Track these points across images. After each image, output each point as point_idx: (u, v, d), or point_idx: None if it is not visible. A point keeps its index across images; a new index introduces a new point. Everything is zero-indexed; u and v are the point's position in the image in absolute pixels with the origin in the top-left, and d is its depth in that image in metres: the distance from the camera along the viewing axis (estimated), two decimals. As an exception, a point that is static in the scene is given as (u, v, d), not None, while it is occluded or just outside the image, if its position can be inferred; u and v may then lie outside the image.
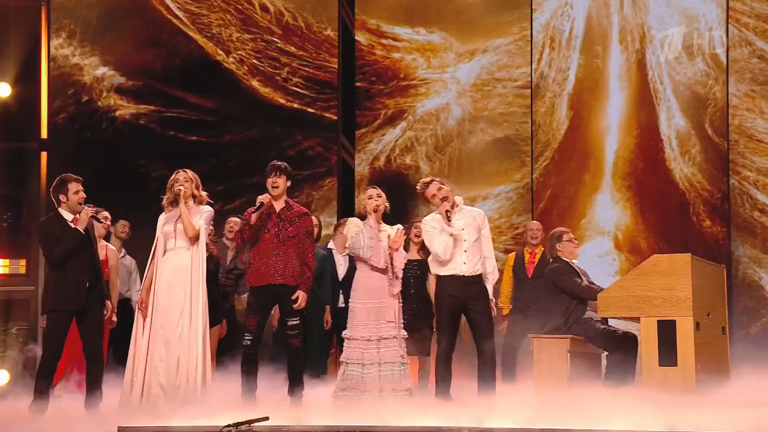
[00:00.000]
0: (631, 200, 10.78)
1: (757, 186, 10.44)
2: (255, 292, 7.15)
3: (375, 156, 11.30)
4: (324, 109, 11.12)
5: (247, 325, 7.12)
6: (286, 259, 7.10)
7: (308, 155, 11.04)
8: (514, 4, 11.11)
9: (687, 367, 6.81)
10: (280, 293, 7.11)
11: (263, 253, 7.11)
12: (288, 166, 7.29)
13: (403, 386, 6.90)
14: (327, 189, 11.06)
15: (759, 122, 10.48)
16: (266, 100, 11.16)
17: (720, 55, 10.58)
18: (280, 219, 7.15)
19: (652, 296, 7.03)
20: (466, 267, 7.01)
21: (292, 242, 7.14)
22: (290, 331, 7.12)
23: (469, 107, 11.18)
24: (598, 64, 10.94)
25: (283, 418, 5.78)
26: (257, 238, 7.12)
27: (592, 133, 10.97)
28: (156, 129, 11.08)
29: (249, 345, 7.06)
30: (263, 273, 7.09)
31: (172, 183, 7.25)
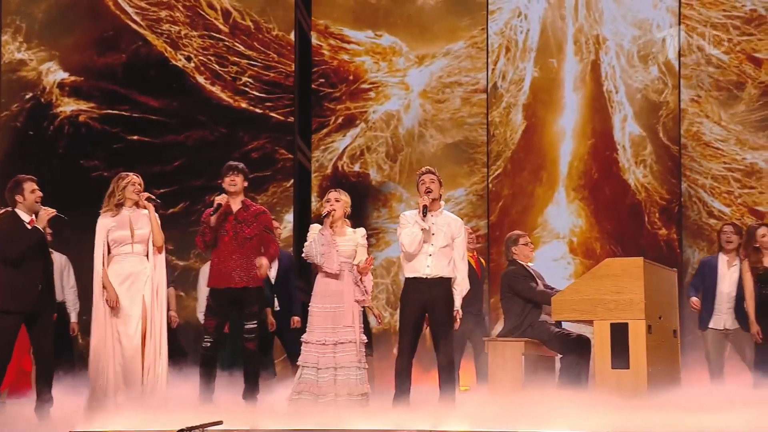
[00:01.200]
0: (585, 205, 10.87)
1: (706, 190, 10.58)
2: (215, 294, 7.11)
3: (332, 159, 11.29)
4: (283, 112, 11.10)
5: (207, 327, 7.08)
6: (247, 262, 7.07)
7: (265, 158, 11.01)
8: (469, 10, 11.16)
9: (639, 369, 6.87)
10: (241, 296, 7.09)
11: (223, 256, 7.08)
12: (244, 166, 7.26)
13: (359, 391, 6.89)
14: (286, 191, 11.03)
15: (711, 128, 10.62)
16: (220, 101, 11.11)
17: (672, 61, 10.72)
18: (237, 221, 7.12)
19: (605, 299, 7.09)
20: (430, 270, 6.97)
21: (250, 244, 7.12)
22: (247, 334, 7.10)
23: (426, 111, 11.21)
24: (552, 70, 11.03)
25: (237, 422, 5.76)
26: (216, 240, 7.09)
27: (546, 139, 11.05)
28: (100, 127, 10.98)
29: (208, 347, 7.02)
30: (224, 276, 7.05)
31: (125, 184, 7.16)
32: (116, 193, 7.16)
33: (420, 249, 6.95)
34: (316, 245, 6.95)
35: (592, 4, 10.94)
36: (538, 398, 6.68)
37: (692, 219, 10.57)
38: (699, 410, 5.94)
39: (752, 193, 10.47)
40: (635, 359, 6.91)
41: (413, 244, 6.93)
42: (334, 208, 7.07)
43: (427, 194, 6.94)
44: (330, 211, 7.04)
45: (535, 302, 7.93)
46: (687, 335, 9.73)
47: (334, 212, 7.05)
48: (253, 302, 7.10)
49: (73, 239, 8.62)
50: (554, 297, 7.41)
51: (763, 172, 10.43)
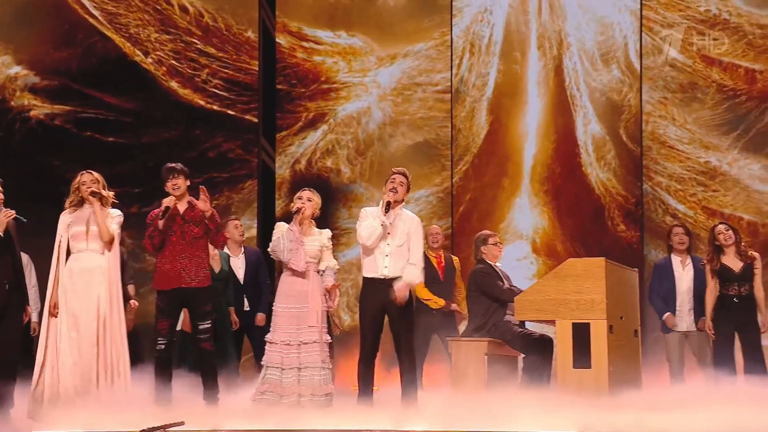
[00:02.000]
0: (548, 205, 10.93)
1: (669, 192, 10.67)
2: (164, 295, 7.05)
3: (296, 159, 11.27)
4: (244, 111, 11.06)
5: (159, 329, 7.03)
6: (196, 261, 7.04)
7: (228, 157, 10.96)
8: (435, 10, 11.19)
9: (600, 369, 6.92)
10: (191, 296, 7.04)
11: (171, 256, 7.03)
12: (184, 166, 7.21)
13: (323, 391, 6.89)
14: (247, 192, 10.99)
15: (671, 129, 10.72)
16: (185, 102, 11.05)
17: (634, 62, 10.81)
18: (184, 220, 7.07)
19: (567, 299, 7.13)
20: (388, 270, 6.99)
21: (199, 243, 7.08)
22: (201, 335, 7.05)
23: (390, 111, 11.22)
24: (516, 70, 11.08)
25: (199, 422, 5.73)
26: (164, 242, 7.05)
27: (510, 138, 11.09)
28: (72, 129, 10.89)
29: (162, 349, 6.97)
30: (173, 277, 7.00)
31: (77, 185, 7.13)
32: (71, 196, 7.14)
33: (377, 244, 6.96)
34: (284, 241, 6.94)
35: (555, 5, 11.00)
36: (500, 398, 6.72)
37: (653, 220, 10.66)
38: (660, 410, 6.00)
39: (713, 195, 10.58)
40: (597, 359, 6.96)
41: (371, 237, 6.95)
42: (304, 206, 7.06)
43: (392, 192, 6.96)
44: (300, 208, 7.03)
45: (502, 301, 7.98)
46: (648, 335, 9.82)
47: (304, 210, 7.03)
48: (204, 302, 7.06)
49: (32, 238, 8.53)
50: (517, 297, 7.45)
51: (726, 174, 10.54)
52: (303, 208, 7.04)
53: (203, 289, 7.05)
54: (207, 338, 7.05)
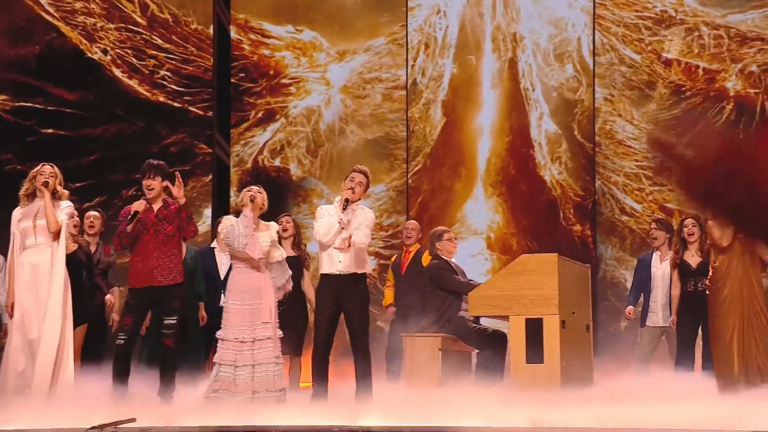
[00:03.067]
0: (502, 201, 10.99)
1: (621, 188, 10.79)
2: (135, 293, 7.01)
3: (249, 154, 11.23)
4: (198, 105, 10.99)
5: (123, 324, 6.98)
6: (169, 260, 7.00)
7: (182, 152, 10.90)
8: (389, 7, 11.20)
9: (553, 364, 6.98)
10: (161, 294, 7.01)
11: (144, 254, 6.99)
12: (163, 164, 7.16)
13: (276, 387, 6.88)
14: (201, 186, 10.93)
15: (624, 126, 10.84)
16: (139, 96, 10.97)
17: (587, 60, 10.90)
18: (158, 219, 7.03)
19: (520, 295, 7.17)
20: (342, 265, 7.01)
21: (172, 241, 7.04)
22: (167, 330, 7.01)
23: (344, 107, 11.22)
24: (471, 66, 11.12)
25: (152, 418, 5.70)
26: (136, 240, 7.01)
27: (465, 136, 11.14)
28: (12, 120, 10.75)
29: (122, 344, 6.92)
30: (146, 275, 6.97)
31: (35, 174, 7.05)
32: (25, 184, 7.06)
33: (334, 241, 6.97)
34: (239, 227, 6.91)
35: (509, 2, 11.06)
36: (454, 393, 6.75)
37: (605, 216, 10.77)
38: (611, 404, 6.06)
39: (662, 191, 10.70)
40: (549, 354, 7.01)
41: (328, 235, 6.97)
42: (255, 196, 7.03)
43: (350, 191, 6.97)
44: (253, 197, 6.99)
45: (459, 293, 8.00)
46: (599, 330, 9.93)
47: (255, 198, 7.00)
48: (173, 298, 7.02)
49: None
50: (471, 293, 7.49)
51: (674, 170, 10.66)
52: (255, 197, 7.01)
53: (174, 286, 7.03)
54: (171, 334, 7.01)
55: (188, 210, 7.09)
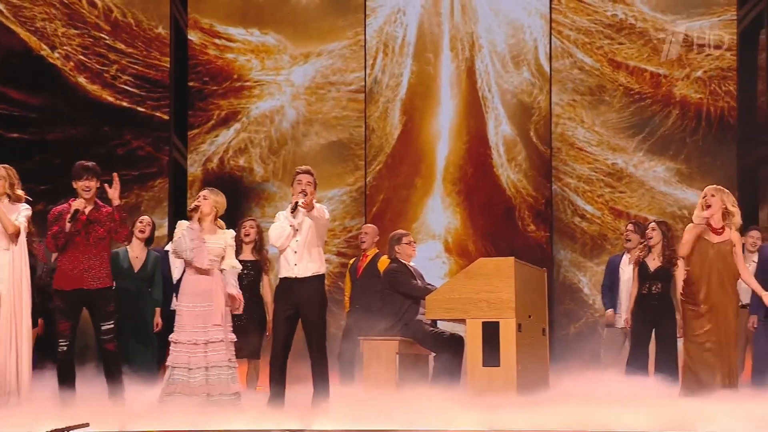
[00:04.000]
0: (460, 205, 11.03)
1: (577, 192, 10.87)
2: (65, 296, 6.93)
3: (208, 157, 11.18)
4: (155, 108, 10.93)
5: (61, 330, 6.91)
6: (99, 262, 6.95)
7: (138, 155, 10.83)
8: (348, 9, 11.21)
9: (509, 367, 7.02)
10: (93, 297, 6.95)
11: (74, 256, 6.92)
12: (96, 166, 7.10)
13: (230, 390, 6.85)
14: (158, 190, 10.87)
15: (579, 131, 10.92)
16: (94, 98, 10.88)
17: (544, 65, 10.98)
18: (89, 221, 6.96)
19: (477, 298, 7.20)
20: (297, 269, 6.98)
21: (102, 244, 7.00)
22: (105, 335, 6.96)
23: (304, 110, 11.21)
24: (429, 71, 11.15)
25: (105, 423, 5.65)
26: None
27: (423, 139, 11.17)
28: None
29: (65, 351, 6.87)
30: (75, 277, 6.90)
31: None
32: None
33: (287, 245, 6.96)
34: (185, 240, 6.89)
35: (467, 7, 11.11)
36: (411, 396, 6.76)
37: (562, 219, 10.84)
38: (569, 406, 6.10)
39: (621, 197, 10.80)
40: (505, 357, 7.04)
41: (280, 239, 6.96)
42: (200, 204, 7.01)
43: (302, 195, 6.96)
44: (197, 206, 6.98)
45: (416, 297, 8.02)
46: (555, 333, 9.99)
47: (201, 207, 6.98)
48: (107, 302, 6.98)
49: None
50: (428, 296, 7.50)
51: (631, 175, 10.78)
52: (199, 205, 6.99)
53: (105, 289, 6.98)
54: (110, 339, 6.98)
55: (122, 212, 7.05)
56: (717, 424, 5.53)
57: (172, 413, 6.32)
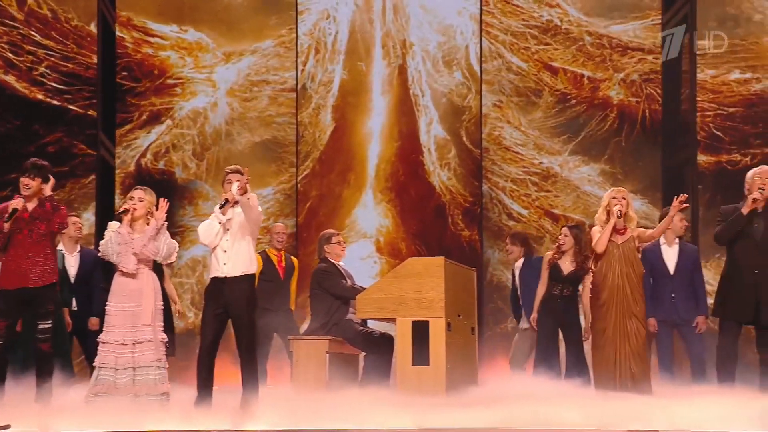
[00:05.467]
0: (392, 204, 11.06)
1: (506, 193, 10.96)
2: (6, 295, 6.84)
3: (137, 155, 11.04)
4: (83, 105, 10.75)
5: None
6: (43, 260, 6.89)
7: (66, 152, 10.67)
8: (280, 8, 11.16)
9: (438, 366, 7.06)
10: (35, 296, 6.87)
11: (17, 254, 6.85)
12: (45, 165, 7.00)
13: (158, 390, 6.79)
14: (86, 187, 10.70)
15: (508, 131, 11.02)
16: (22, 95, 10.68)
17: (474, 66, 11.05)
18: (32, 218, 6.88)
19: (407, 298, 7.24)
20: (227, 268, 6.94)
21: (45, 241, 6.93)
22: (42, 335, 6.89)
23: (236, 108, 11.13)
24: (362, 70, 11.16)
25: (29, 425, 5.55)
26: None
27: (355, 139, 11.17)
28: None
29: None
30: (18, 276, 6.82)
31: None
32: None
33: (216, 242, 6.91)
34: (112, 244, 6.84)
35: (399, 8, 11.14)
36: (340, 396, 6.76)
37: (493, 220, 10.92)
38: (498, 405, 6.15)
39: (548, 196, 10.92)
40: (435, 356, 7.08)
41: (208, 236, 6.92)
42: (135, 207, 6.94)
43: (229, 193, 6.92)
44: (130, 209, 6.91)
45: (344, 298, 8.03)
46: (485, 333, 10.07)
47: (134, 211, 6.91)
48: (47, 301, 6.90)
49: None
50: (359, 296, 7.51)
51: (558, 176, 10.91)
52: (133, 210, 6.92)
53: (48, 287, 6.92)
54: (47, 338, 6.91)
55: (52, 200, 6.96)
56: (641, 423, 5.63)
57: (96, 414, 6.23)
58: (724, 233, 7.28)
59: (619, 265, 7.07)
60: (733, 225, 7.20)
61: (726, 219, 7.29)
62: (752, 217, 7.17)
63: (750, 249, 7.20)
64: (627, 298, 7.03)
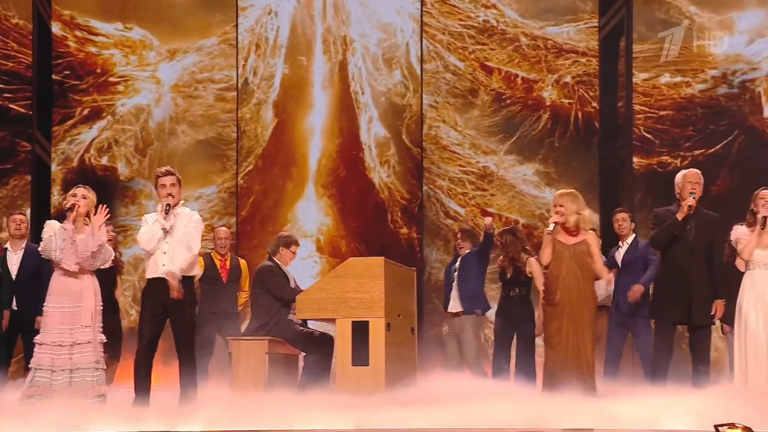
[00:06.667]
0: (333, 205, 11.06)
1: (447, 193, 11.03)
2: None
3: (73, 153, 10.91)
4: (17, 102, 10.59)
5: None
6: None
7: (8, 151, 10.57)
8: (219, 7, 11.10)
9: (378, 366, 7.08)
10: None
11: None
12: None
13: (95, 392, 6.74)
14: (20, 186, 10.55)
15: (449, 133, 11.08)
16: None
17: (415, 66, 11.10)
18: None
19: (347, 298, 7.25)
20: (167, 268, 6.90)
21: None
22: None
23: (172, 108, 11.05)
24: (302, 71, 11.14)
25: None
26: None
27: (296, 139, 11.15)
28: None
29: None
30: None
31: None
32: None
33: (158, 247, 6.87)
34: (57, 240, 6.75)
35: (339, 6, 11.14)
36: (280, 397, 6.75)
37: (431, 219, 10.98)
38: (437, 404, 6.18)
39: (485, 195, 11.01)
40: (374, 356, 7.11)
41: (151, 242, 6.88)
42: (79, 203, 6.86)
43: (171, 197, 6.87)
44: (74, 205, 6.82)
45: (284, 300, 8.01)
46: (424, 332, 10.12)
47: (78, 207, 6.83)
48: None
49: None
50: (298, 296, 7.51)
51: (495, 175, 11.00)
52: (77, 205, 6.84)
53: None
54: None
55: None
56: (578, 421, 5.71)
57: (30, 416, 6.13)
58: (661, 238, 7.40)
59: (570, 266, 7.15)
60: (670, 229, 7.31)
61: (660, 222, 7.40)
62: (686, 220, 7.30)
63: (683, 251, 7.33)
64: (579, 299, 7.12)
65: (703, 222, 7.34)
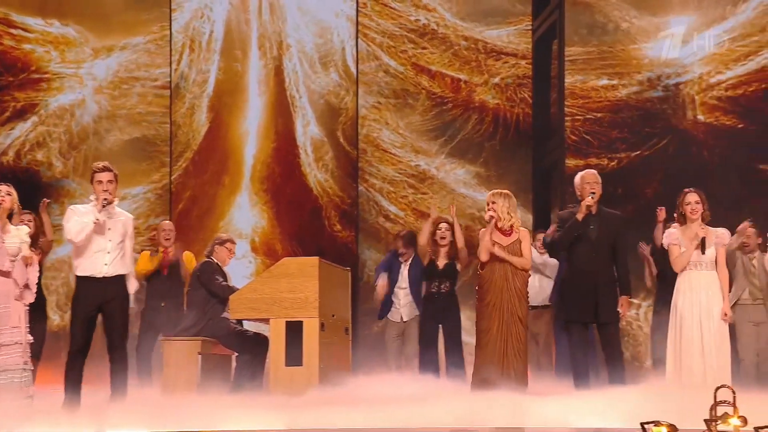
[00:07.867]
0: (268, 204, 11.01)
1: (382, 193, 11.05)
2: None
3: (3, 150, 10.72)
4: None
5: None
6: None
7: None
8: (153, 3, 11.00)
9: (311, 366, 7.07)
10: None
11: None
12: None
13: (23, 394, 6.63)
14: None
15: (385, 133, 11.10)
16: None
17: (351, 67, 11.10)
18: None
19: (281, 298, 7.23)
20: (108, 268, 6.85)
21: None
22: None
23: (106, 105, 10.92)
24: (237, 69, 11.08)
25: None
26: None
27: (231, 137, 11.09)
28: None
29: None
30: None
31: None
32: None
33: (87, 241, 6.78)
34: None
35: (275, 6, 11.10)
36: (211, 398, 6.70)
37: (368, 221, 10.99)
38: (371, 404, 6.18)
39: (423, 198, 11.05)
40: (308, 356, 7.10)
41: (81, 234, 6.79)
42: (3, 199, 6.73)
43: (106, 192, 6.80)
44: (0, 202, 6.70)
45: (219, 297, 7.97)
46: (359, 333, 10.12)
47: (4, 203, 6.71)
48: None
49: None
50: (232, 296, 7.47)
51: (434, 178, 11.04)
52: (3, 201, 6.71)
53: None
54: None
55: None
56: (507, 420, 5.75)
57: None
58: (563, 239, 7.47)
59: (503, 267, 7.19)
60: (570, 231, 7.38)
61: (563, 224, 7.49)
62: (587, 220, 7.37)
63: (587, 251, 7.38)
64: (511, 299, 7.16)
65: (606, 221, 7.42)
